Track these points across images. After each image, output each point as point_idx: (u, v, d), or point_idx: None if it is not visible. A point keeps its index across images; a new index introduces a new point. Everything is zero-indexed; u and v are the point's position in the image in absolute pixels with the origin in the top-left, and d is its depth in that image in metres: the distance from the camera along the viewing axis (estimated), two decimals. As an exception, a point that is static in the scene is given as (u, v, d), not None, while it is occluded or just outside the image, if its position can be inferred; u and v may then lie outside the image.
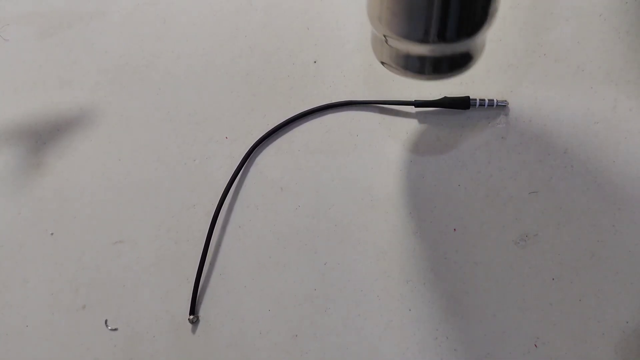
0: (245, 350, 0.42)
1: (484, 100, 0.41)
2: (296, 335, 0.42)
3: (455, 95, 0.42)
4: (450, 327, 0.40)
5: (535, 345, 0.39)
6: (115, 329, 0.44)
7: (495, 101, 0.41)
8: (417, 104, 0.42)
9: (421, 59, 0.30)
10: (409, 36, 0.28)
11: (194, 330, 0.43)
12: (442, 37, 0.27)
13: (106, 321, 0.44)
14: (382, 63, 0.32)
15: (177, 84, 0.45)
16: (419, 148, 0.42)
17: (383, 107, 0.43)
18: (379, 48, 0.32)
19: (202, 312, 0.43)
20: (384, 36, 0.30)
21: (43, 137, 0.46)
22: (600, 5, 0.41)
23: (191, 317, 0.43)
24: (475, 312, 0.40)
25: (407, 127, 0.43)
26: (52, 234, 0.45)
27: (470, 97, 0.41)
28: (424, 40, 0.28)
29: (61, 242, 0.45)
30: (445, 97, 0.42)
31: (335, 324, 0.42)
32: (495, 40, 0.42)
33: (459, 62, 0.31)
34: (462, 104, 0.41)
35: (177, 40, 0.46)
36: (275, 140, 0.44)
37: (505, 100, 0.41)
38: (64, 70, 0.47)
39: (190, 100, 0.45)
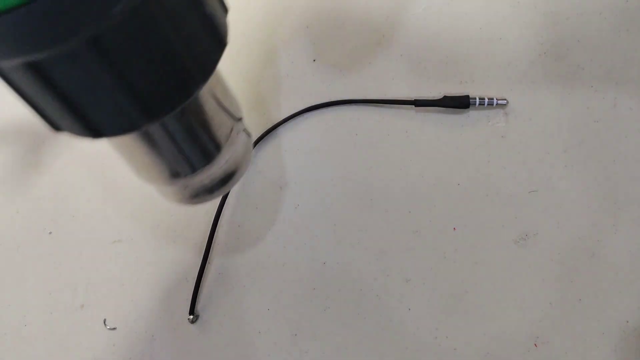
0: (245, 349, 0.42)
1: (483, 99, 0.41)
2: (296, 335, 0.42)
3: (455, 95, 0.42)
4: (450, 327, 0.40)
5: (535, 345, 0.39)
6: (114, 328, 0.44)
7: (495, 100, 0.41)
8: (417, 103, 0.42)
9: (197, 190, 0.32)
10: (164, 181, 0.30)
11: (193, 330, 0.43)
12: (191, 171, 0.29)
13: (105, 320, 0.44)
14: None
15: (176, 82, 0.45)
16: (418, 147, 0.42)
17: (382, 106, 0.43)
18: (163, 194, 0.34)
19: (202, 311, 0.43)
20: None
21: (41, 135, 0.46)
22: (601, 4, 0.40)
23: (191, 316, 0.42)
24: (475, 312, 0.40)
25: (406, 126, 0.43)
26: (50, 233, 0.45)
27: (470, 96, 0.41)
28: (176, 179, 0.29)
29: (59, 241, 0.45)
30: (445, 97, 0.42)
31: (335, 323, 0.41)
32: (495, 39, 0.42)
33: (229, 177, 0.33)
34: (461, 103, 0.41)
35: (176, 39, 0.45)
36: (274, 138, 0.44)
37: (505, 99, 0.41)
38: (63, 69, 0.46)
39: (190, 99, 0.45)
